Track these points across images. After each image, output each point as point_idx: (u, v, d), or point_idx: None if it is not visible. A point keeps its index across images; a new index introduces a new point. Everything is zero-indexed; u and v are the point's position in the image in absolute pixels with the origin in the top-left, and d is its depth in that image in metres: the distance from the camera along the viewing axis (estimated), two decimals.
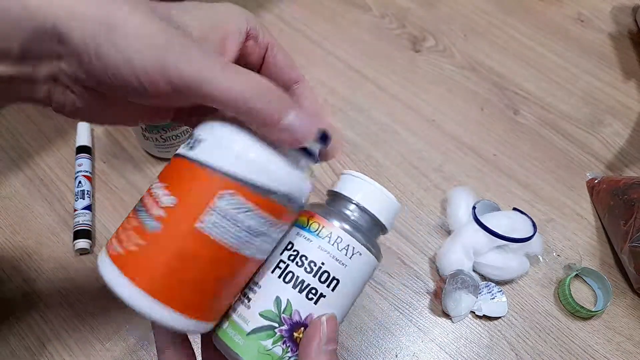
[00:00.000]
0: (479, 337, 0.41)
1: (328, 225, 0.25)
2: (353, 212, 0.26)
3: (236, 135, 0.22)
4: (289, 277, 0.24)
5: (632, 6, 0.64)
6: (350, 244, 0.25)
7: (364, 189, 0.26)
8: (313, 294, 0.24)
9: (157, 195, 0.22)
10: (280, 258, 0.25)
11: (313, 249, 0.24)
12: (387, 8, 0.63)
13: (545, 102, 0.55)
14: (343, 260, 0.24)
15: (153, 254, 0.22)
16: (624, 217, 0.43)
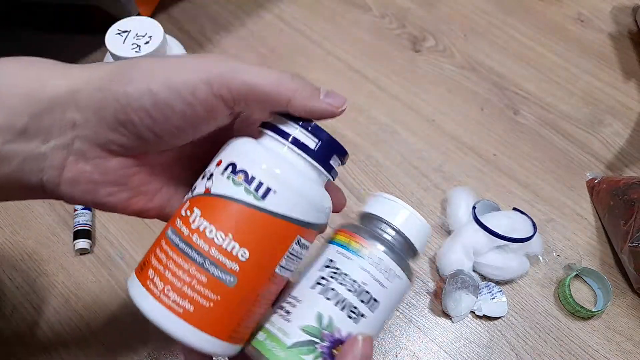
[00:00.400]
0: (479, 337, 0.41)
1: (369, 246, 0.25)
2: (390, 235, 0.26)
3: (306, 184, 0.23)
4: (332, 294, 0.24)
5: (632, 6, 0.64)
6: (391, 267, 0.25)
7: (401, 213, 0.26)
8: (355, 313, 0.24)
9: (229, 248, 0.22)
10: (321, 274, 0.25)
11: (355, 268, 0.24)
12: (387, 8, 0.63)
13: (545, 102, 0.55)
14: (384, 283, 0.24)
15: (230, 306, 0.23)
16: (624, 217, 0.43)
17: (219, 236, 0.22)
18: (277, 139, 0.24)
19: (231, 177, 0.23)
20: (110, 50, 0.38)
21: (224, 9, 0.62)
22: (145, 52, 0.38)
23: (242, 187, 0.22)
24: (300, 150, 0.24)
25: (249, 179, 0.22)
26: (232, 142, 0.24)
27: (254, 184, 0.22)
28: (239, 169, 0.23)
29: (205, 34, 0.59)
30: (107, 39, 0.39)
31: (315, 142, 0.24)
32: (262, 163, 0.23)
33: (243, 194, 0.22)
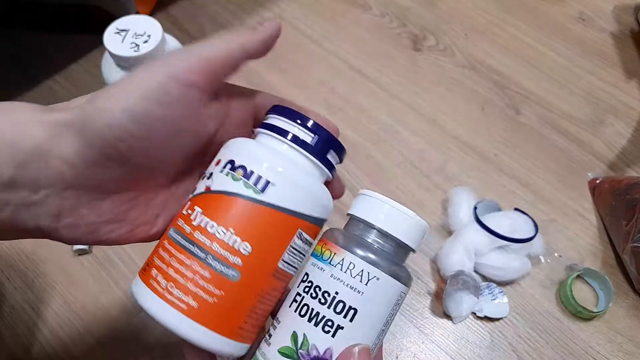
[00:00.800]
0: (480, 338, 0.40)
1: (340, 252, 0.23)
2: (372, 235, 0.25)
3: (306, 178, 0.24)
4: (304, 310, 0.23)
5: (633, 5, 0.63)
6: (364, 269, 0.23)
7: (382, 210, 0.25)
8: (329, 326, 0.23)
9: (231, 242, 0.22)
10: (297, 291, 0.24)
11: (326, 279, 0.23)
12: (388, 7, 0.62)
13: (547, 101, 0.55)
14: (359, 288, 0.23)
15: (234, 301, 0.23)
16: (625, 218, 0.43)
17: (220, 231, 0.22)
18: (275, 137, 0.24)
19: (230, 173, 0.23)
20: (109, 49, 0.38)
21: (223, 8, 0.61)
22: (144, 51, 0.38)
23: (242, 181, 0.23)
24: (299, 146, 0.24)
25: (247, 173, 0.23)
26: (230, 143, 0.25)
27: (253, 178, 0.23)
28: (238, 165, 0.23)
29: (204, 33, 0.59)
30: (105, 38, 0.38)
31: (313, 138, 0.24)
32: (260, 158, 0.23)
33: (242, 188, 0.23)
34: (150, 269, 0.23)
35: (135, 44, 0.38)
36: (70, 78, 0.54)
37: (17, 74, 0.54)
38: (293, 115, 0.24)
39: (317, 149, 0.24)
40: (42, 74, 0.54)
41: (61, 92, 0.53)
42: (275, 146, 0.24)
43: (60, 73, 0.55)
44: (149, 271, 0.23)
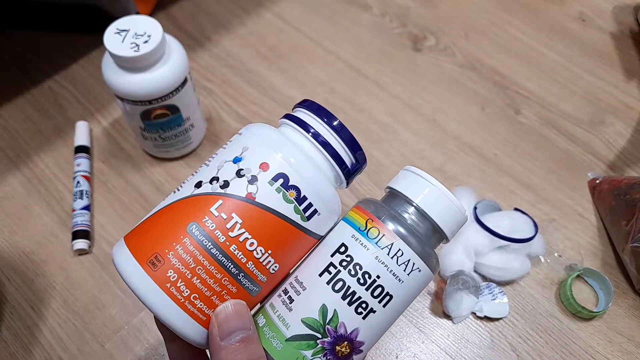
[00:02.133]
0: (480, 338, 0.40)
1: (389, 234, 0.22)
2: (413, 217, 0.24)
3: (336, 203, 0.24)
4: (339, 285, 0.22)
5: (633, 5, 0.63)
6: (411, 260, 0.22)
7: (427, 190, 0.24)
8: (363, 308, 0.22)
9: (265, 262, 0.22)
10: (331, 261, 0.22)
11: (370, 259, 0.22)
12: (388, 7, 0.62)
13: (547, 101, 0.55)
14: (401, 276, 0.22)
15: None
16: (625, 218, 0.43)
17: (259, 250, 0.21)
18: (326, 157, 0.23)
19: (282, 191, 0.22)
20: (109, 49, 0.38)
21: (223, 7, 0.61)
22: (144, 51, 0.38)
23: (293, 205, 0.22)
24: (340, 168, 0.24)
25: (300, 197, 0.22)
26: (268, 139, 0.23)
27: (304, 204, 0.22)
28: (292, 184, 0.22)
29: (204, 32, 0.59)
30: (105, 38, 0.38)
31: (352, 163, 0.24)
32: (315, 183, 0.22)
33: (292, 212, 0.22)
34: (165, 269, 0.20)
35: (135, 44, 0.38)
36: (70, 78, 0.54)
37: (17, 74, 0.54)
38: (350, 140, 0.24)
39: (352, 171, 0.24)
40: (42, 74, 0.54)
41: (61, 92, 0.53)
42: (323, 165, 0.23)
43: (60, 73, 0.55)
44: (163, 271, 0.20)
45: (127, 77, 0.39)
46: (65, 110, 0.52)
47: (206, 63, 0.56)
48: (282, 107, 0.53)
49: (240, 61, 0.56)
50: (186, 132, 0.46)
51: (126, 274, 0.21)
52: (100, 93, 0.53)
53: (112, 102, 0.52)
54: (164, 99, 0.41)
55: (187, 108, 0.44)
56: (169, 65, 0.40)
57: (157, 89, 0.40)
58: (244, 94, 0.54)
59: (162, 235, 0.21)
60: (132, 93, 0.40)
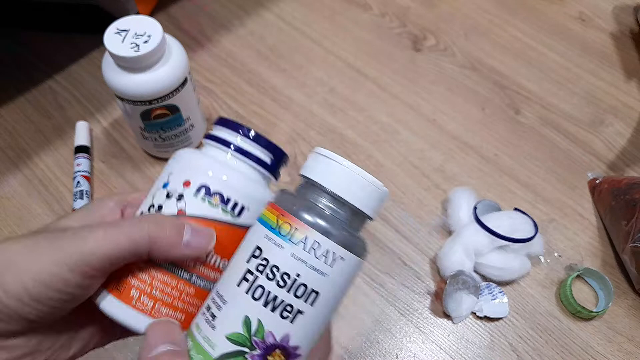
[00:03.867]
0: (480, 338, 0.40)
1: (302, 227, 0.21)
2: (327, 202, 0.22)
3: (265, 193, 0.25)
4: (259, 292, 0.20)
5: (633, 5, 0.63)
6: (330, 249, 0.21)
7: (337, 172, 0.22)
8: (288, 311, 0.20)
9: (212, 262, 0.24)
10: (247, 267, 0.21)
11: (286, 258, 0.21)
12: (388, 7, 0.62)
13: (547, 101, 0.55)
14: (323, 269, 0.21)
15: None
16: (625, 218, 0.43)
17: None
18: (238, 158, 0.25)
19: (206, 198, 0.24)
20: (109, 49, 0.38)
21: (223, 7, 0.61)
22: (144, 51, 0.38)
23: (220, 208, 0.24)
24: (259, 165, 0.25)
25: (225, 200, 0.24)
26: (187, 160, 0.25)
27: (230, 204, 0.24)
28: (214, 192, 0.24)
29: (204, 33, 0.59)
30: (105, 38, 0.38)
31: (270, 157, 0.26)
32: (234, 185, 0.24)
33: (221, 214, 0.24)
34: (128, 291, 0.23)
35: (135, 44, 0.38)
36: (70, 78, 0.54)
37: (17, 74, 0.54)
38: (242, 130, 0.25)
39: (272, 166, 0.26)
40: (42, 74, 0.54)
41: (61, 92, 0.53)
42: (239, 167, 0.25)
43: (60, 73, 0.55)
44: (127, 293, 0.23)
45: (127, 77, 0.39)
46: (65, 110, 0.52)
47: (206, 63, 0.56)
48: (282, 107, 0.53)
49: (240, 61, 0.56)
50: (186, 132, 0.46)
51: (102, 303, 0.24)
52: (100, 93, 0.53)
53: (112, 102, 0.52)
54: (164, 99, 0.41)
55: (187, 108, 0.44)
56: (169, 65, 0.40)
57: (157, 89, 0.40)
58: (244, 94, 0.54)
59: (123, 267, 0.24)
60: (132, 93, 0.40)
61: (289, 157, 0.27)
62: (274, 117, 0.52)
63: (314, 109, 0.53)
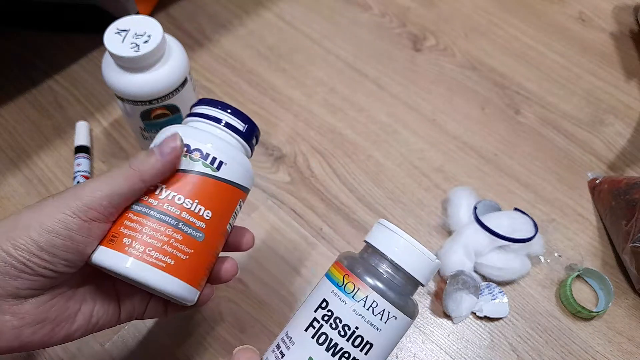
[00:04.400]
0: (480, 338, 0.40)
1: (363, 288, 0.24)
2: (387, 271, 0.26)
3: (242, 157, 0.30)
4: (322, 338, 0.24)
5: (633, 5, 0.63)
6: (386, 309, 0.24)
7: (398, 243, 0.26)
8: (346, 357, 0.24)
9: (197, 210, 0.27)
10: (315, 316, 0.25)
11: (348, 312, 0.24)
12: (388, 7, 0.62)
13: (547, 101, 0.55)
14: (378, 325, 0.24)
15: (201, 257, 0.28)
16: (625, 218, 0.43)
17: (187, 202, 0.27)
18: (213, 125, 0.29)
19: (187, 155, 0.28)
20: (109, 49, 0.38)
21: (223, 7, 0.61)
22: (144, 51, 0.38)
23: (200, 162, 0.27)
24: (233, 132, 0.30)
25: (204, 155, 0.28)
26: (169, 130, 0.29)
27: (209, 159, 0.28)
28: (194, 149, 0.28)
29: (204, 32, 0.59)
30: (105, 38, 0.38)
31: (243, 126, 0.30)
32: (212, 142, 0.28)
33: (201, 167, 0.27)
34: (120, 239, 0.26)
35: (135, 44, 0.38)
36: (70, 78, 0.54)
37: (17, 74, 0.54)
38: (224, 106, 0.30)
39: (246, 134, 0.30)
40: (42, 74, 0.54)
41: (61, 92, 0.53)
42: (215, 132, 0.29)
43: (60, 73, 0.55)
44: (119, 241, 0.26)
45: (127, 77, 0.39)
46: (65, 110, 0.52)
47: (206, 63, 0.56)
48: (282, 107, 0.53)
49: (240, 61, 0.56)
50: None
51: (94, 255, 0.26)
52: (100, 93, 0.53)
53: (112, 102, 0.52)
54: (164, 99, 0.41)
55: (187, 108, 0.44)
56: (169, 65, 0.40)
57: (157, 89, 0.40)
58: (244, 94, 0.54)
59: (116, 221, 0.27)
60: (132, 93, 0.40)
61: (259, 130, 0.32)
62: (274, 117, 0.52)
63: (314, 109, 0.53)
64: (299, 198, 0.47)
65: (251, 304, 0.41)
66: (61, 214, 0.24)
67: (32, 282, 0.24)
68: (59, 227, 0.24)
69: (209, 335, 0.39)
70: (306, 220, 0.45)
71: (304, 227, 0.45)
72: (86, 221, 0.25)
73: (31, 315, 0.25)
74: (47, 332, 0.26)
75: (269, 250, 0.44)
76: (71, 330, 0.27)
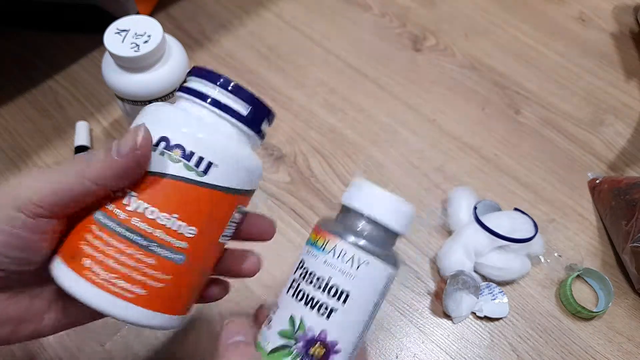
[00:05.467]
0: (480, 338, 0.40)
1: (332, 239, 0.25)
2: (361, 222, 0.26)
3: (243, 151, 0.23)
4: (301, 295, 0.25)
5: (633, 5, 0.63)
6: (355, 255, 0.24)
7: (369, 196, 0.26)
8: (324, 309, 0.24)
9: (175, 227, 0.21)
10: (294, 277, 0.26)
11: (320, 265, 0.25)
12: (388, 7, 0.62)
13: (547, 101, 0.55)
14: (350, 272, 0.24)
15: (182, 282, 0.23)
16: (625, 218, 0.43)
17: (162, 217, 0.21)
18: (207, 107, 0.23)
19: (166, 153, 0.21)
20: (109, 49, 0.38)
21: (223, 7, 0.61)
22: (144, 51, 0.38)
23: (181, 163, 0.21)
24: (232, 117, 0.23)
25: (187, 154, 0.21)
26: (150, 110, 0.23)
27: (193, 160, 0.21)
28: (174, 144, 0.21)
29: (204, 33, 0.59)
30: (105, 38, 0.38)
31: (247, 107, 0.23)
32: (198, 135, 0.21)
33: (183, 171, 0.21)
34: (80, 258, 0.21)
35: (135, 44, 0.38)
36: (70, 78, 0.54)
37: (17, 74, 0.54)
38: (224, 81, 0.23)
39: (249, 118, 0.23)
40: (42, 74, 0.54)
41: (61, 92, 0.53)
42: (208, 119, 0.22)
43: (60, 73, 0.55)
44: (79, 260, 0.21)
45: (127, 77, 0.39)
46: (65, 110, 0.52)
47: (206, 63, 0.56)
48: (282, 107, 0.53)
49: (241, 61, 0.56)
50: None
51: (53, 269, 0.22)
52: (100, 93, 0.53)
53: (112, 102, 0.52)
54: (164, 99, 0.41)
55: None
56: (169, 65, 0.40)
57: (157, 89, 0.40)
58: None
59: (78, 229, 0.22)
60: (132, 93, 0.40)
61: (274, 113, 0.25)
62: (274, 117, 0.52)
63: (314, 109, 0.53)
64: (299, 198, 0.47)
65: (251, 304, 0.41)
66: (4, 210, 0.22)
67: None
68: (3, 225, 0.22)
69: (208, 334, 0.39)
70: (306, 220, 0.45)
71: (304, 227, 0.45)
72: (32, 217, 0.22)
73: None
74: (8, 331, 0.24)
75: (269, 250, 0.44)
76: (39, 327, 0.25)
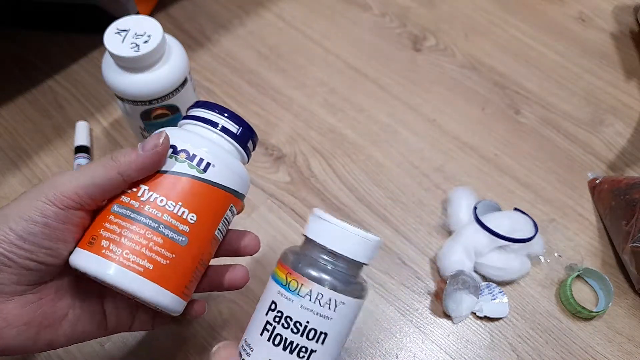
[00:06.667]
0: (480, 338, 0.40)
1: (306, 283, 0.25)
2: (327, 258, 0.26)
3: (234, 161, 0.29)
4: (278, 339, 0.25)
5: (633, 5, 0.63)
6: (332, 298, 0.25)
7: (333, 232, 0.26)
8: (304, 351, 0.25)
9: (180, 213, 0.26)
10: (267, 319, 0.25)
11: (296, 310, 0.25)
12: (388, 7, 0.62)
13: (547, 101, 0.55)
14: (328, 315, 0.25)
15: (183, 262, 0.27)
16: (625, 218, 0.43)
17: (170, 204, 0.26)
18: (205, 127, 0.29)
19: (173, 156, 0.27)
20: (109, 49, 0.38)
21: (223, 7, 0.61)
22: (144, 51, 0.38)
23: (186, 163, 0.27)
24: (227, 135, 0.29)
25: (190, 156, 0.27)
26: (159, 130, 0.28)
27: (196, 160, 0.27)
28: (180, 149, 0.27)
29: (204, 33, 0.59)
30: (105, 38, 0.38)
31: (237, 128, 0.29)
32: (200, 143, 0.28)
33: (187, 169, 0.27)
34: (99, 242, 0.25)
35: (135, 44, 0.38)
36: (70, 78, 0.54)
37: (17, 74, 0.54)
38: (220, 109, 0.29)
39: (240, 137, 0.29)
40: (42, 74, 0.54)
41: (61, 92, 0.53)
42: (207, 135, 0.29)
43: (60, 73, 0.55)
44: (98, 243, 0.25)
45: (127, 77, 0.39)
46: (65, 110, 0.52)
47: (206, 63, 0.56)
48: (282, 107, 0.53)
49: (240, 61, 0.56)
50: None
51: (72, 256, 0.26)
52: (100, 93, 0.53)
53: (112, 102, 0.52)
54: (164, 99, 0.41)
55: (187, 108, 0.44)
56: (169, 65, 0.40)
57: (157, 89, 0.40)
58: (244, 94, 0.54)
59: (97, 222, 0.27)
60: (132, 93, 0.40)
61: (257, 135, 0.31)
62: (274, 117, 0.52)
63: (314, 109, 0.53)
64: (299, 198, 0.47)
65: (251, 304, 0.41)
66: (37, 201, 0.24)
67: (15, 276, 0.24)
68: (36, 215, 0.24)
69: (209, 335, 0.39)
70: (306, 220, 0.45)
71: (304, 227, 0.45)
72: (62, 209, 0.25)
73: (15, 315, 0.24)
74: (31, 335, 0.25)
75: (269, 250, 0.44)
76: (56, 336, 0.26)
